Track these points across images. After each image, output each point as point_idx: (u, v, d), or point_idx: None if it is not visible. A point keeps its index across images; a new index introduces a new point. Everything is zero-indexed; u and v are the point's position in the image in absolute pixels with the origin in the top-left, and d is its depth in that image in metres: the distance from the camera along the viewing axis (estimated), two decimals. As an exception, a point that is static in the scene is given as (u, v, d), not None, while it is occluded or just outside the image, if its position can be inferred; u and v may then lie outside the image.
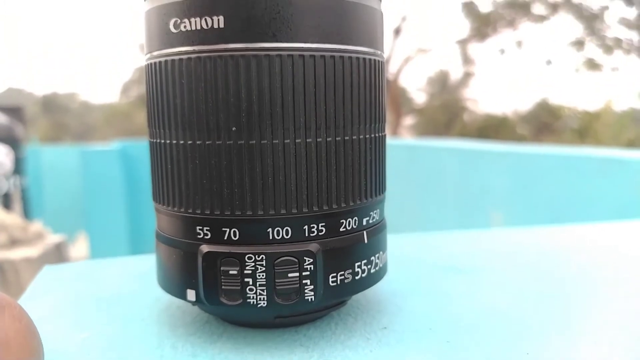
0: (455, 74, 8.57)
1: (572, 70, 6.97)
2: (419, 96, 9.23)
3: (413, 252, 0.38)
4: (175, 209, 0.22)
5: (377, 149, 0.24)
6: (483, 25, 6.95)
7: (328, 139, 0.21)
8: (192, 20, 0.20)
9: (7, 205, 2.33)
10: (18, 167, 2.69)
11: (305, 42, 0.21)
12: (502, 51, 7.17)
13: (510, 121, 7.77)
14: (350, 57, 0.22)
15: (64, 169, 3.87)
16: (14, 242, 1.38)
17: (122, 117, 10.76)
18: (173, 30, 0.21)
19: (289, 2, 0.20)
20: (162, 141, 0.22)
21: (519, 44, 7.03)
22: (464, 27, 7.16)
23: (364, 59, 0.22)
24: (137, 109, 10.06)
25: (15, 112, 3.72)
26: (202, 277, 0.21)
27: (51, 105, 11.83)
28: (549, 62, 7.14)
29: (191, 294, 0.22)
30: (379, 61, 0.23)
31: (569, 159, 1.74)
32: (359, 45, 0.22)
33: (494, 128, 7.30)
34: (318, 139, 0.21)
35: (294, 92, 0.20)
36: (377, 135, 0.24)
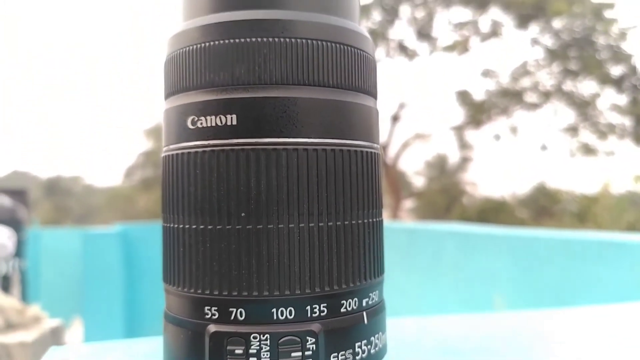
0: (453, 159, 8.75)
1: (568, 155, 7.12)
2: (418, 180, 9.36)
3: (413, 335, 0.38)
4: (185, 289, 0.24)
5: (375, 232, 0.25)
6: (478, 113, 7.18)
7: (329, 224, 0.23)
8: (208, 118, 0.23)
9: (6, 288, 2.31)
10: (19, 250, 2.69)
11: (308, 137, 0.23)
12: (498, 137, 7.36)
13: (509, 205, 7.83)
14: (349, 151, 0.24)
15: (64, 252, 3.86)
16: (9, 326, 1.36)
17: (124, 201, 10.85)
18: (190, 126, 0.23)
19: (294, 102, 0.23)
20: (176, 226, 0.24)
21: (514, 130, 7.23)
22: (460, 114, 7.40)
23: (362, 151, 0.25)
24: (139, 192, 10.17)
25: (19, 194, 3.76)
26: (209, 357, 0.22)
27: (54, 188, 11.97)
28: (544, 148, 7.31)
29: None
30: (375, 153, 0.26)
31: (570, 243, 1.75)
32: (357, 140, 0.24)
33: (493, 211, 7.34)
34: (320, 224, 0.23)
35: (298, 181, 0.23)
36: (374, 220, 0.25)
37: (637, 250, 1.47)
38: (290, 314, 0.22)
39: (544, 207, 7.29)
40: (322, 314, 0.23)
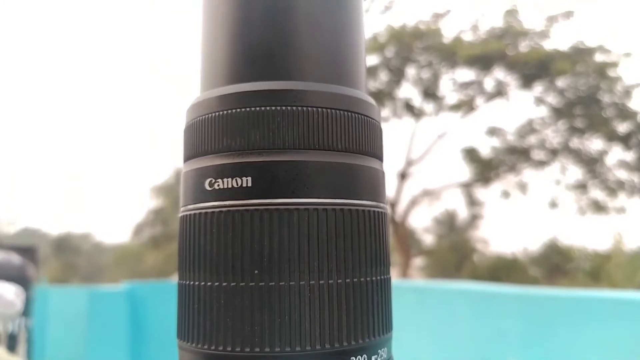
0: (463, 215, 8.71)
1: (578, 211, 7.09)
2: (427, 237, 9.29)
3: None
4: (199, 346, 0.24)
5: (383, 289, 0.26)
6: (486, 170, 7.22)
7: (339, 281, 0.24)
8: (225, 180, 0.24)
9: (12, 347, 2.28)
10: (26, 308, 2.67)
11: (318, 197, 0.24)
12: (507, 194, 7.35)
13: (521, 263, 7.73)
14: (357, 210, 0.25)
15: (71, 311, 3.82)
16: (14, 388, 1.34)
17: (132, 259, 10.82)
18: (208, 188, 0.25)
19: (305, 166, 0.24)
20: (191, 283, 0.25)
21: (523, 187, 7.23)
22: (468, 171, 7.44)
23: (369, 211, 0.26)
24: (148, 250, 10.15)
25: (29, 252, 3.77)
26: None
27: (64, 246, 11.99)
28: (553, 205, 7.28)
29: None
30: (381, 212, 0.27)
31: (583, 301, 1.72)
32: (364, 200, 0.26)
33: (505, 270, 7.24)
34: (330, 281, 0.24)
35: (309, 239, 0.24)
36: (382, 277, 0.26)
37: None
38: (301, 370, 0.23)
39: (556, 265, 7.19)
40: None
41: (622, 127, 6.75)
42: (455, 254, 8.18)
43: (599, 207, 6.95)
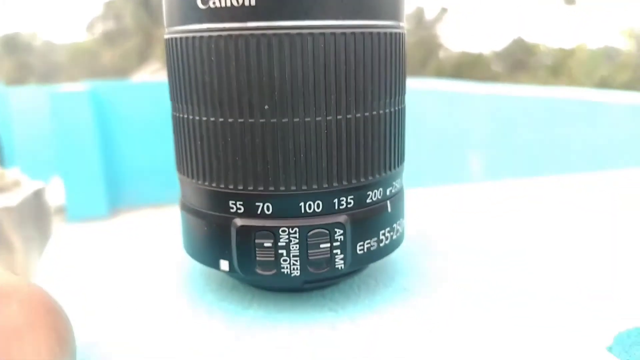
0: (431, 10, 8.45)
1: (548, 4, 6.92)
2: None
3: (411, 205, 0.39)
4: (206, 183, 0.23)
5: (399, 121, 0.24)
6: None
7: (357, 115, 0.22)
8: None
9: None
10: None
11: (336, 18, 0.21)
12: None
13: (485, 58, 7.77)
14: (378, 33, 0.22)
15: (33, 112, 3.76)
16: (-7, 192, 1.36)
17: (88, 56, 10.37)
18: (201, 6, 0.21)
19: None
20: (190, 117, 0.23)
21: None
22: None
23: (390, 33, 0.22)
24: (103, 47, 9.69)
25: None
26: (236, 249, 0.22)
27: (13, 44, 11.29)
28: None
29: (224, 264, 0.23)
30: (401, 34, 0.24)
31: (545, 102, 1.77)
32: (384, 20, 0.22)
33: (469, 66, 7.29)
34: (348, 116, 0.22)
35: (325, 70, 0.21)
36: (399, 108, 0.24)
37: (613, 110, 1.50)
38: (318, 207, 0.22)
39: (519, 60, 7.26)
40: (348, 205, 0.23)
41: None
42: (422, 50, 8.12)
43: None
